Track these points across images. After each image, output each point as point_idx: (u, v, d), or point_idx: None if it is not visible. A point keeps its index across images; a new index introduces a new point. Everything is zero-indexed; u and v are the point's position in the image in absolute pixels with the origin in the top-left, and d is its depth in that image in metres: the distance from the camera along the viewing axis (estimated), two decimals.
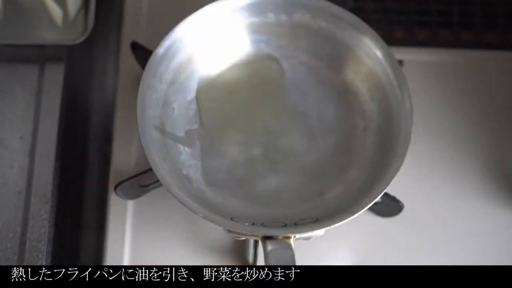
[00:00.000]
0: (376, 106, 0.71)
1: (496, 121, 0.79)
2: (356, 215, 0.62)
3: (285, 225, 0.65)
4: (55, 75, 0.76)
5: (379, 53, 0.71)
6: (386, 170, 0.65)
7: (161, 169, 0.64)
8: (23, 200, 0.71)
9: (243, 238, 0.67)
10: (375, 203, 0.73)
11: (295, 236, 0.62)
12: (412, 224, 0.73)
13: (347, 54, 0.72)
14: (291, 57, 0.74)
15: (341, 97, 0.73)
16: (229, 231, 0.64)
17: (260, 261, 0.63)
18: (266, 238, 0.62)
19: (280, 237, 0.62)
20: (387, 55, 0.70)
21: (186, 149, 0.70)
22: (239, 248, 0.73)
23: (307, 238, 0.66)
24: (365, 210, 0.74)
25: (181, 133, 0.71)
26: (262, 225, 0.66)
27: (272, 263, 0.60)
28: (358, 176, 0.70)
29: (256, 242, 0.71)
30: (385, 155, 0.67)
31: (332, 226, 0.62)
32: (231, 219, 0.65)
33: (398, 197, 0.73)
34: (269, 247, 0.61)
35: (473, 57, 0.82)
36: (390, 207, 0.73)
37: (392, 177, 0.64)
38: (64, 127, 0.75)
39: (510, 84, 0.81)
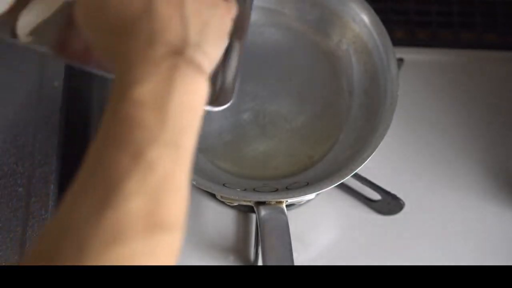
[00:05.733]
0: (362, 70, 0.72)
1: (497, 121, 0.79)
2: (345, 178, 0.63)
3: (277, 190, 0.66)
4: (56, 74, 0.76)
5: (365, 18, 0.71)
6: (373, 134, 0.66)
7: None
8: (23, 200, 0.71)
9: (236, 203, 0.68)
10: (376, 201, 0.74)
11: (287, 201, 0.63)
12: (412, 222, 0.74)
13: (334, 19, 0.73)
14: (277, 22, 0.75)
15: (327, 61, 0.74)
16: (222, 197, 0.65)
17: (261, 261, 0.63)
18: (259, 204, 0.63)
19: (272, 203, 0.63)
20: (373, 20, 0.71)
21: None
22: (240, 248, 0.73)
23: (299, 203, 0.68)
24: (366, 208, 0.74)
25: None
26: (254, 190, 0.67)
27: (267, 229, 0.61)
28: (346, 139, 0.71)
29: (256, 242, 0.71)
30: (372, 119, 0.68)
31: (323, 190, 0.63)
32: (224, 185, 0.66)
33: (398, 195, 0.73)
34: (263, 212, 0.63)
35: (473, 57, 0.82)
36: (391, 205, 0.73)
37: (379, 141, 0.65)
38: (64, 126, 0.75)
39: (510, 83, 0.81)
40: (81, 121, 0.84)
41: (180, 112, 0.45)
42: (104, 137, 0.44)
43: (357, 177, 0.73)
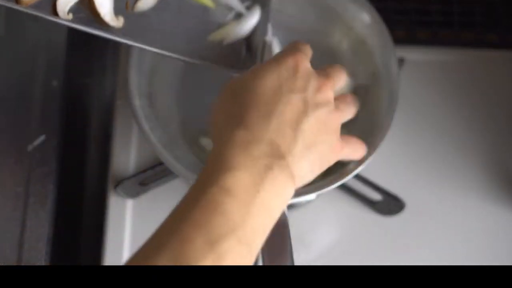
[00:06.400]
0: (363, 70, 0.71)
1: (497, 120, 0.78)
2: (346, 179, 0.63)
3: None
4: (55, 74, 0.76)
5: (366, 18, 0.71)
6: (374, 134, 0.66)
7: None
8: (22, 200, 0.71)
9: None
10: (376, 201, 0.74)
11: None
12: (413, 223, 0.73)
13: (334, 19, 0.72)
14: (277, 22, 0.74)
15: (328, 61, 0.74)
16: None
17: (261, 261, 0.63)
18: None
19: None
20: (374, 19, 0.70)
21: None
22: None
23: (299, 203, 0.68)
24: (366, 209, 0.74)
25: None
26: None
27: None
28: None
29: None
30: (373, 119, 0.68)
31: (323, 190, 0.63)
32: None
33: (399, 196, 0.73)
34: None
35: (473, 56, 0.82)
36: (391, 205, 0.73)
37: (380, 142, 0.64)
38: (64, 126, 0.75)
39: (511, 83, 0.81)
40: (81, 121, 0.84)
41: (262, 213, 0.47)
42: (183, 214, 0.46)
43: (358, 177, 0.73)
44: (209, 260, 0.44)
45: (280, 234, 0.62)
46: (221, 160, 0.48)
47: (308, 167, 0.52)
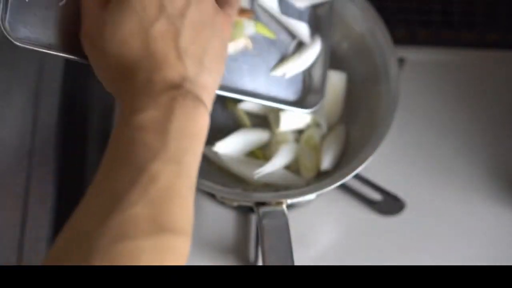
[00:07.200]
0: (363, 70, 0.71)
1: (498, 120, 0.78)
2: (346, 179, 0.63)
3: (277, 190, 0.66)
4: (55, 74, 0.76)
5: (366, 18, 0.71)
6: (373, 134, 0.66)
7: None
8: (22, 200, 0.71)
9: (236, 204, 0.68)
10: (376, 201, 0.74)
11: (287, 202, 0.63)
12: (413, 223, 0.73)
13: (335, 18, 0.72)
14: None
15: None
16: (222, 197, 0.65)
17: (261, 261, 0.63)
18: (259, 204, 0.63)
19: (273, 203, 0.62)
20: (374, 19, 0.70)
21: None
22: (240, 248, 0.72)
23: (299, 203, 0.68)
24: (366, 209, 0.74)
25: None
26: (254, 190, 0.67)
27: (267, 229, 0.61)
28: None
29: (256, 242, 0.71)
30: (373, 119, 0.68)
31: (323, 191, 0.63)
32: (224, 185, 0.66)
33: (399, 196, 0.73)
34: (263, 213, 0.62)
35: (474, 56, 0.82)
36: (391, 205, 0.73)
37: (380, 142, 0.64)
38: (63, 127, 0.75)
39: (511, 83, 0.81)
40: (80, 121, 0.84)
41: (180, 136, 0.48)
42: (109, 158, 0.48)
43: (358, 177, 0.73)
44: (143, 185, 0.45)
45: (280, 234, 0.62)
46: (127, 109, 0.49)
47: (209, 77, 0.52)
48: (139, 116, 0.47)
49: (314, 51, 0.68)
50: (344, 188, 0.74)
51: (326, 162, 0.67)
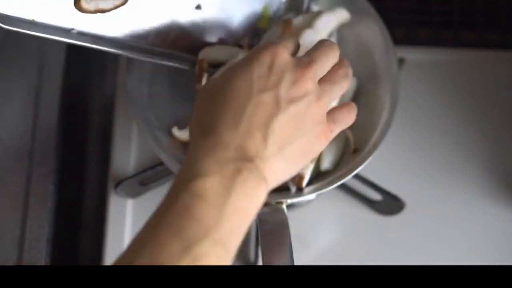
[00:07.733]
0: (363, 70, 0.71)
1: (498, 121, 0.78)
2: (346, 179, 0.63)
3: (277, 190, 0.66)
4: (55, 73, 0.76)
5: (366, 17, 0.71)
6: (374, 134, 0.65)
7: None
8: (22, 200, 0.71)
9: None
10: (376, 201, 0.73)
11: (287, 202, 0.63)
12: (413, 223, 0.73)
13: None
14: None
15: None
16: None
17: (261, 261, 0.63)
18: None
19: (273, 203, 0.62)
20: (374, 19, 0.70)
21: None
22: (240, 247, 0.72)
23: (299, 203, 0.68)
24: (366, 209, 0.74)
25: None
26: None
27: (267, 229, 0.61)
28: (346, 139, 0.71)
29: (256, 242, 0.71)
30: (373, 119, 0.68)
31: (323, 191, 0.63)
32: None
33: (399, 196, 0.72)
34: (263, 213, 0.62)
35: (474, 56, 0.82)
36: (391, 205, 0.73)
37: (380, 142, 0.64)
38: (63, 127, 0.75)
39: (511, 83, 0.81)
40: (81, 121, 0.84)
41: (235, 214, 0.47)
42: (158, 221, 0.47)
43: (358, 177, 0.73)
44: (185, 264, 0.44)
45: (280, 234, 0.62)
46: (191, 168, 0.48)
47: (283, 165, 0.51)
48: (200, 181, 0.47)
49: None
50: (344, 188, 0.74)
51: (326, 162, 0.67)
